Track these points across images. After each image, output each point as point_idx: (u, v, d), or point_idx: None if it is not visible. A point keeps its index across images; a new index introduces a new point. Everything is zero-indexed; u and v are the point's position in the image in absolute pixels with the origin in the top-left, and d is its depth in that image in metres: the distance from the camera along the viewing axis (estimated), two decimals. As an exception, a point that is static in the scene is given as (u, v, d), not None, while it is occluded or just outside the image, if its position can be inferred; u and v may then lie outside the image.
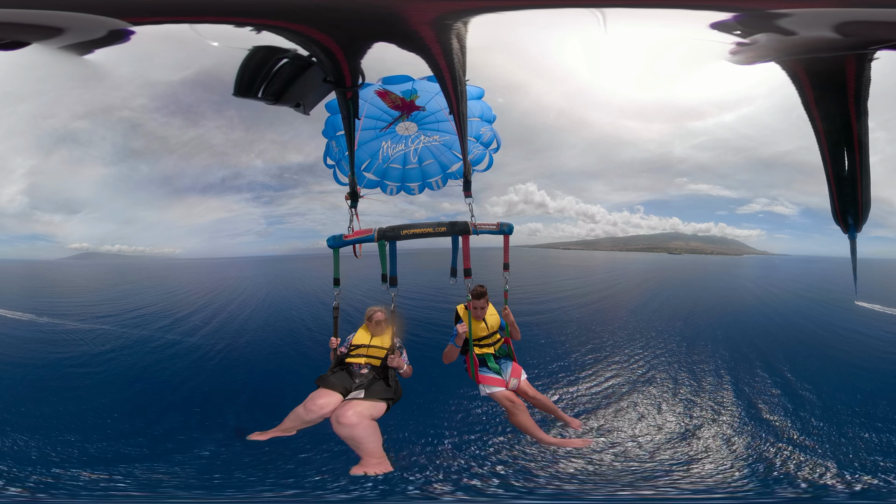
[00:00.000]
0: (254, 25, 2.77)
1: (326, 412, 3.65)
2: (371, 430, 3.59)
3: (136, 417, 9.48)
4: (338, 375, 3.95)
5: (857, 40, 2.98)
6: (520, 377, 4.27)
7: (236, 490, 4.96)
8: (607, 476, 6.11)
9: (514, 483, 5.04)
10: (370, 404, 3.73)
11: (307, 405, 3.69)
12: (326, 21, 2.71)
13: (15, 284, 29.85)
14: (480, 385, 4.17)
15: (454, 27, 2.75)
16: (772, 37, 3.15)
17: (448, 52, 2.84)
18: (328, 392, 3.77)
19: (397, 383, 4.07)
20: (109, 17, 2.97)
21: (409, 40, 2.82)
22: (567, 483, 5.02)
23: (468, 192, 4.14)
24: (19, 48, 3.15)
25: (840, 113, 3.21)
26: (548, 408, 4.43)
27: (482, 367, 4.21)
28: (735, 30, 3.16)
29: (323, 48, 2.83)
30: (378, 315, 4.24)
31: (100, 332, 17.48)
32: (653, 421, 9.54)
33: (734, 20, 3.09)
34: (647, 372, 12.68)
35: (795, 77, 3.20)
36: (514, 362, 4.33)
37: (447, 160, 4.76)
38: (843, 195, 3.43)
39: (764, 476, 6.38)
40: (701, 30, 3.24)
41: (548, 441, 4.28)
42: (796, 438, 7.93)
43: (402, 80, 4.29)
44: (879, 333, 15.64)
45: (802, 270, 29.45)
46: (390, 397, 3.90)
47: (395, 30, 2.77)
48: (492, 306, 4.33)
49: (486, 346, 4.27)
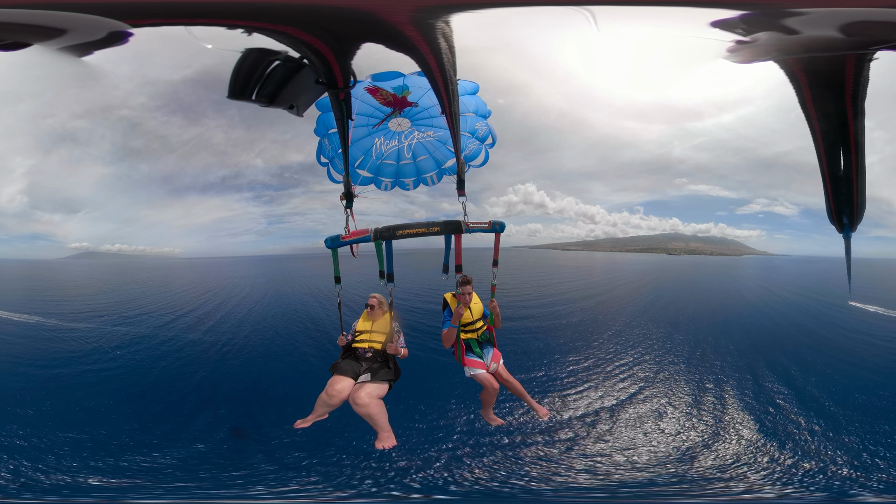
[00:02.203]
0: (244, 28, 2.76)
1: (345, 395, 4.28)
2: (380, 408, 4.25)
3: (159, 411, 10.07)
4: (347, 361, 4.51)
5: (859, 40, 2.97)
6: (499, 361, 4.76)
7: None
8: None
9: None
10: (376, 385, 4.32)
11: (328, 391, 4.30)
12: (312, 23, 2.71)
13: (20, 286, 29.84)
14: (465, 367, 4.67)
15: (438, 27, 2.74)
16: (773, 35, 3.13)
17: (437, 52, 2.83)
18: (341, 378, 4.36)
19: (396, 365, 4.60)
20: (109, 19, 2.96)
21: (395, 40, 2.81)
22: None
23: (461, 190, 4.22)
24: (20, 49, 3.14)
25: (837, 112, 3.20)
26: (519, 392, 4.85)
27: (468, 351, 4.69)
28: (735, 28, 3.15)
29: (313, 50, 2.83)
30: (372, 301, 4.70)
31: (107, 333, 17.60)
32: (668, 421, 9.85)
33: (738, 18, 3.07)
34: (655, 374, 12.80)
35: (793, 76, 3.19)
36: (494, 348, 4.81)
37: (442, 156, 4.77)
38: (839, 195, 3.43)
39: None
40: (699, 28, 3.22)
41: (488, 418, 5.01)
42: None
43: (392, 77, 4.30)
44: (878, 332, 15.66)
45: (802, 271, 29.42)
46: (392, 378, 4.47)
47: (380, 30, 2.76)
48: (476, 296, 4.70)
49: (470, 331, 4.72)
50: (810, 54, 3.10)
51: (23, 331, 17.52)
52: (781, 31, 3.08)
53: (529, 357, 13.65)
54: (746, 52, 3.30)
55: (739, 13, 3.04)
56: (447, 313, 4.64)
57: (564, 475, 8.02)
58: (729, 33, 3.21)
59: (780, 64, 3.19)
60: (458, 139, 3.68)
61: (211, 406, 10.92)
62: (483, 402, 4.87)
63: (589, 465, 8.30)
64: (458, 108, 3.37)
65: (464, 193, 4.21)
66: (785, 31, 3.07)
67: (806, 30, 3.02)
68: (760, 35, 3.16)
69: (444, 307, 4.72)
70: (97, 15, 2.96)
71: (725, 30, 3.18)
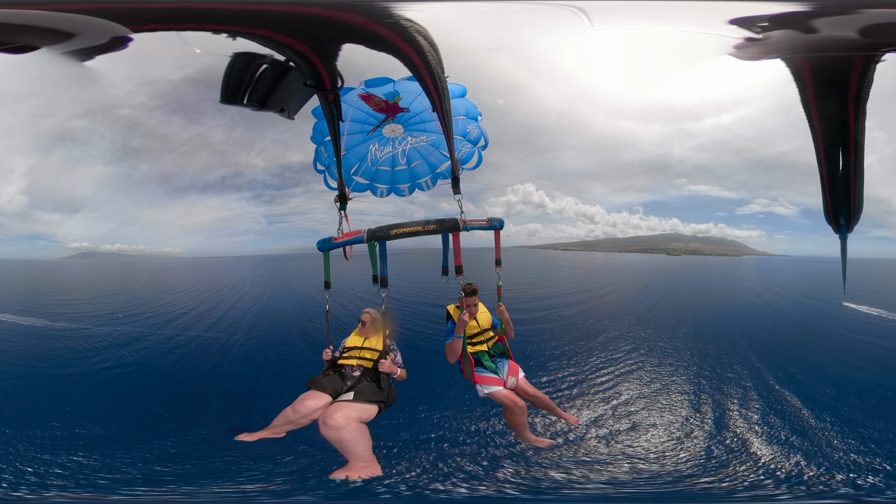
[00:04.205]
0: (228, 33, 2.76)
1: (314, 414, 3.59)
2: (359, 433, 3.47)
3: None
4: (329, 378, 3.89)
5: (871, 41, 2.94)
6: (517, 375, 4.10)
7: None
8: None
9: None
10: (359, 406, 3.62)
11: (295, 406, 3.65)
12: (290, 27, 2.70)
13: (23, 287, 29.84)
14: (477, 385, 4.02)
15: (404, 24, 2.72)
16: (788, 33, 3.10)
17: (419, 50, 2.81)
18: (317, 394, 3.71)
19: (391, 386, 3.96)
20: (113, 23, 2.94)
21: (372, 40, 2.79)
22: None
23: (457, 188, 4.10)
24: (26, 52, 3.13)
25: (839, 113, 3.18)
26: (547, 405, 4.32)
27: (477, 366, 4.06)
28: (757, 25, 3.11)
29: (296, 52, 2.83)
30: (364, 317, 4.19)
31: (119, 333, 17.56)
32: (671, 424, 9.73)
33: (768, 15, 3.03)
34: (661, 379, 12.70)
35: (798, 74, 3.14)
36: (510, 360, 4.18)
37: (436, 160, 4.73)
38: (836, 195, 3.41)
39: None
40: (701, 26, 3.20)
41: (533, 440, 4.26)
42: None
43: (383, 83, 4.25)
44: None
45: (803, 271, 29.37)
46: (381, 400, 3.78)
47: (352, 32, 2.75)
48: (482, 305, 4.23)
49: (479, 343, 4.15)
50: (822, 54, 3.07)
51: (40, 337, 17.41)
52: (801, 30, 3.05)
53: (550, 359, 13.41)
54: (756, 49, 3.26)
55: (779, 9, 2.99)
56: (451, 325, 4.08)
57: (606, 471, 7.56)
58: (740, 30, 3.18)
59: (787, 62, 3.15)
60: (451, 136, 3.64)
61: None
62: (513, 426, 4.09)
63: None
64: (448, 106, 3.33)
65: (459, 191, 4.07)
66: (804, 30, 3.04)
67: (828, 30, 2.99)
68: (776, 33, 3.13)
69: (447, 319, 4.20)
70: (100, 18, 2.95)
71: (743, 27, 3.15)
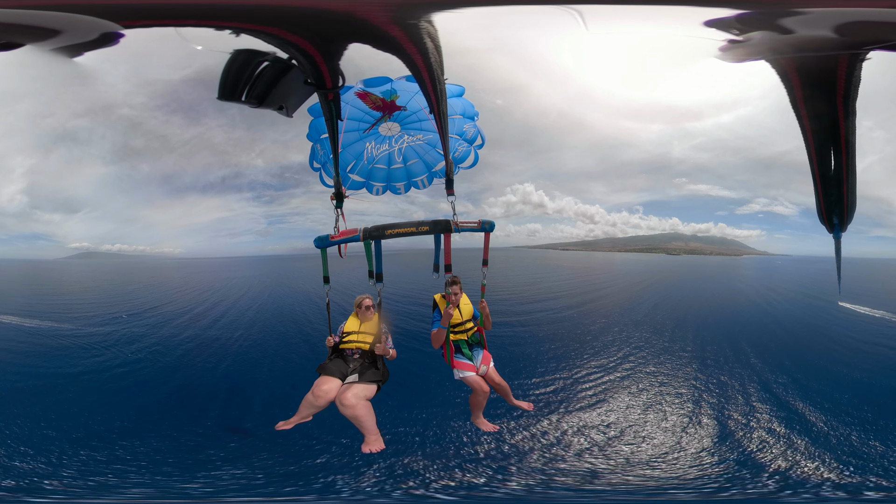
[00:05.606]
0: (232, 29, 2.77)
1: (331, 396, 4.19)
2: (367, 410, 4.14)
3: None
4: (335, 362, 4.45)
5: (853, 40, 2.97)
6: (489, 364, 4.67)
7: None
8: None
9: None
10: (364, 386, 4.24)
11: (314, 392, 4.21)
12: (297, 24, 2.72)
13: (25, 288, 29.82)
14: (454, 369, 4.60)
15: (422, 26, 2.74)
16: (767, 35, 3.13)
17: (424, 52, 2.83)
18: (329, 378, 4.29)
19: (385, 366, 4.56)
20: (100, 19, 2.96)
21: (381, 41, 2.82)
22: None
23: (450, 189, 4.20)
24: (15, 49, 3.16)
25: (828, 112, 3.20)
26: (505, 393, 4.83)
27: (457, 353, 4.62)
28: (730, 27, 3.15)
29: (300, 50, 2.84)
30: (366, 301, 4.68)
31: (123, 333, 17.70)
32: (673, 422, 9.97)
33: (734, 17, 3.07)
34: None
35: (785, 76, 3.19)
36: (484, 350, 4.74)
37: (432, 159, 4.77)
38: (829, 195, 3.43)
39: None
40: (695, 28, 3.23)
41: (481, 423, 4.86)
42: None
43: (381, 82, 4.32)
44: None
45: (803, 272, 29.27)
46: (379, 379, 4.40)
47: (364, 31, 2.76)
48: (466, 297, 4.66)
49: (460, 332, 4.66)
50: (803, 54, 3.10)
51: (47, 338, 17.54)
52: (776, 31, 3.08)
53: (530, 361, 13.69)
54: (739, 51, 3.30)
55: (737, 12, 3.04)
56: (437, 314, 4.60)
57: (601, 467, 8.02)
58: (723, 32, 3.21)
59: (773, 64, 3.20)
60: (447, 138, 3.68)
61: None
62: (472, 406, 4.75)
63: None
64: (445, 108, 3.37)
65: (452, 193, 4.19)
66: (780, 31, 3.07)
67: (801, 30, 3.02)
68: (754, 34, 3.16)
69: (433, 307, 4.70)
70: (87, 16, 2.97)
71: (721, 29, 3.19)
